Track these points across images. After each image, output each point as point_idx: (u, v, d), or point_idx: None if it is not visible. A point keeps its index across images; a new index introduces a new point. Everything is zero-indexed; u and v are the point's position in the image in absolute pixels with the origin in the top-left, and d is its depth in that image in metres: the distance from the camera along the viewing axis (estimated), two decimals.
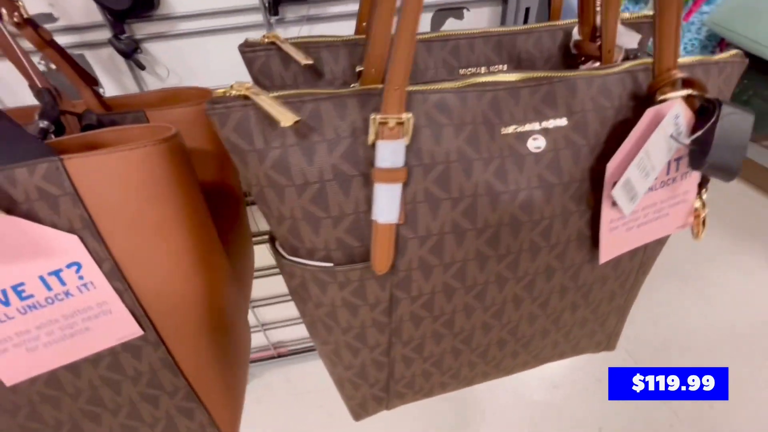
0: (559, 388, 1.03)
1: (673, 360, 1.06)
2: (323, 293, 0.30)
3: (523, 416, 0.99)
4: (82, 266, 0.29)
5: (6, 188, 0.26)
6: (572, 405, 1.00)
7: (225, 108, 0.24)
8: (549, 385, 1.03)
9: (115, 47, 0.45)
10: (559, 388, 1.03)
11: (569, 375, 1.04)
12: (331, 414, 0.99)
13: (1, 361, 0.29)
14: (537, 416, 0.98)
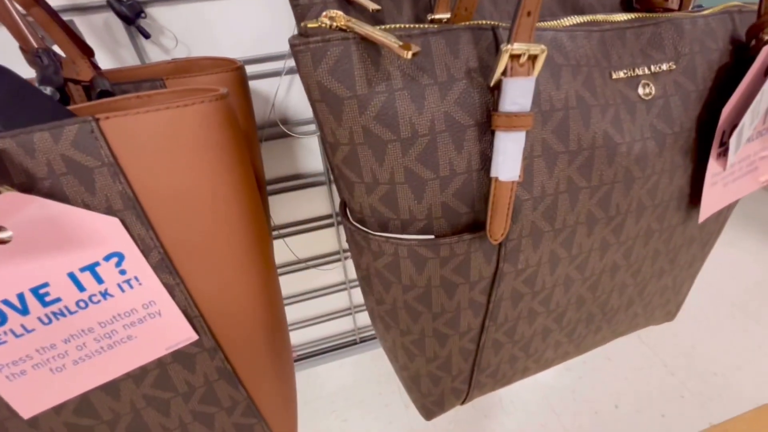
0: (571, 371, 1.03)
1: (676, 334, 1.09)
2: (419, 272, 0.26)
3: (540, 401, 0.98)
4: (125, 257, 0.22)
5: (21, 160, 0.20)
6: (586, 385, 1.00)
7: (322, 42, 0.20)
8: (561, 368, 1.03)
9: (116, 10, 0.38)
10: (571, 370, 1.03)
11: (581, 356, 1.04)
12: (346, 420, 0.93)
13: (16, 387, 0.23)
14: (554, 400, 0.97)
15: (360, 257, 0.28)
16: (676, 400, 0.95)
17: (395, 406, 1.00)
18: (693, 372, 1.00)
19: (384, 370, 1.03)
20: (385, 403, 1.00)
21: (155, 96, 0.28)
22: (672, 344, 1.07)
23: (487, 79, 0.22)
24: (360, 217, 0.26)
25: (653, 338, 1.08)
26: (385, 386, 1.01)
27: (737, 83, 0.26)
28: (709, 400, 0.95)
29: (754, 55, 0.26)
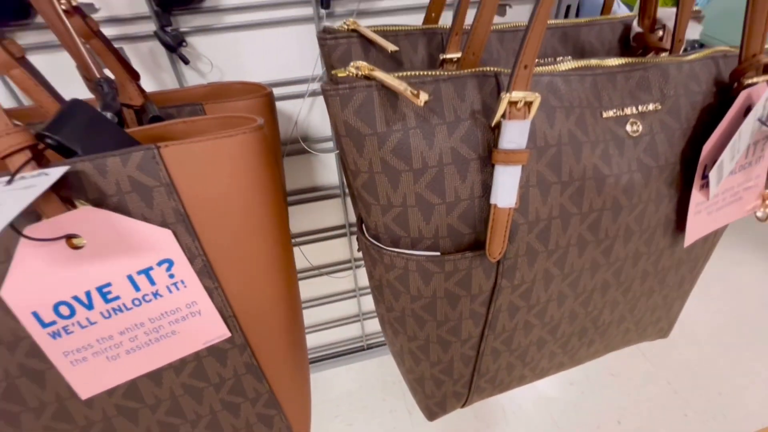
0: (575, 385, 1.04)
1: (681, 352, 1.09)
2: (426, 284, 0.29)
3: (543, 414, 0.99)
4: (174, 263, 0.26)
5: (95, 179, 0.24)
6: (590, 400, 1.01)
7: (349, 88, 0.23)
8: (565, 382, 1.04)
9: (161, 40, 0.43)
10: (575, 384, 1.04)
11: (584, 371, 1.06)
12: (351, 424, 0.96)
13: (78, 371, 0.27)
14: (556, 413, 0.98)
15: (373, 268, 0.31)
16: (679, 418, 0.96)
17: (399, 412, 1.02)
18: (697, 390, 1.00)
19: (389, 376, 1.05)
20: (390, 409, 1.03)
21: (199, 122, 0.32)
22: (677, 362, 1.07)
23: (489, 120, 0.26)
24: (375, 233, 0.29)
25: (658, 356, 1.09)
26: (389, 392, 1.04)
27: (719, 122, 0.29)
28: (712, 419, 0.95)
29: (735, 96, 0.29)
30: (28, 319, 0.25)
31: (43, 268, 0.24)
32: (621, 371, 1.06)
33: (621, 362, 1.07)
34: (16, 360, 0.26)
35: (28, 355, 0.26)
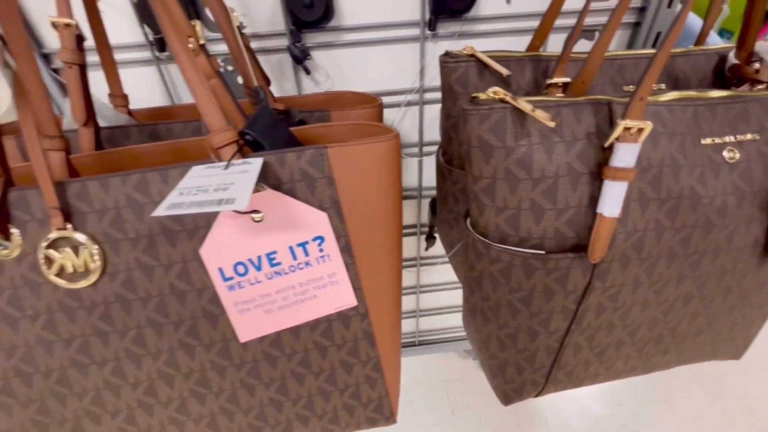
0: (624, 406, 1.03)
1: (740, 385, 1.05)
2: (527, 278, 0.33)
3: (585, 429, 0.99)
4: (325, 240, 0.33)
5: (276, 168, 0.31)
6: (637, 423, 0.99)
7: (488, 109, 0.29)
8: (614, 402, 1.03)
9: (291, 53, 0.50)
10: (624, 406, 1.03)
11: (636, 393, 1.04)
12: None
13: (242, 319, 0.34)
14: (599, 431, 0.98)
15: (477, 261, 0.36)
16: None
17: (442, 410, 1.06)
18: (757, 427, 0.96)
19: (434, 375, 1.09)
20: (433, 407, 1.06)
21: (335, 127, 0.38)
22: (735, 396, 1.03)
23: (601, 141, 0.30)
24: (483, 231, 0.34)
25: (716, 387, 1.05)
26: (434, 390, 1.08)
27: None
28: None
29: None
30: (215, 273, 0.32)
31: (231, 234, 0.31)
32: (674, 398, 1.03)
33: (675, 389, 1.05)
34: (201, 304, 0.33)
35: (209, 302, 0.33)
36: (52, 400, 0.34)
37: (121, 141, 0.43)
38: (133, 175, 0.30)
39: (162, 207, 0.25)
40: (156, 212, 0.25)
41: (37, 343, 0.33)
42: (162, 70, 0.52)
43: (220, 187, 0.26)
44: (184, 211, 0.25)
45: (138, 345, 0.34)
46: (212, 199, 0.25)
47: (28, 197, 0.30)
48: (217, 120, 0.30)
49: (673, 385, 1.05)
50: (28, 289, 0.31)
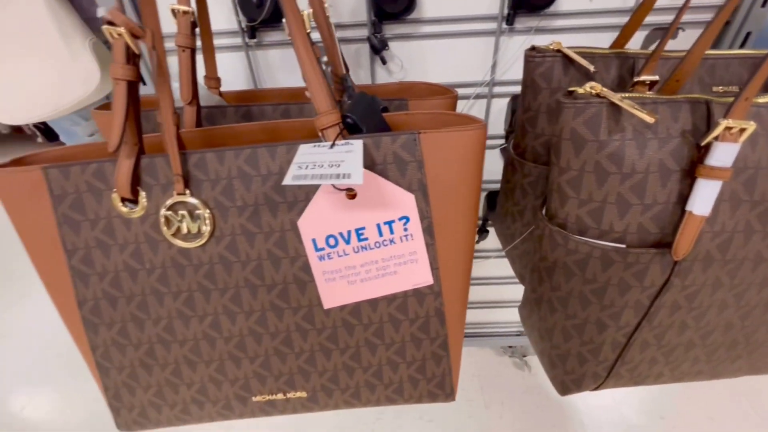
0: (666, 420, 1.00)
1: None
2: (603, 271, 0.34)
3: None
4: (410, 220, 0.35)
5: (371, 150, 0.33)
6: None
7: (585, 103, 0.30)
8: (655, 415, 1.01)
9: (371, 44, 0.52)
10: (666, 419, 1.00)
11: (679, 408, 1.01)
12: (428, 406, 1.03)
13: (328, 287, 0.37)
14: None
15: (551, 252, 0.37)
16: None
17: (476, 404, 1.07)
18: None
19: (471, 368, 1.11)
20: (467, 399, 1.08)
21: (417, 115, 0.40)
22: None
23: (696, 139, 0.30)
24: (562, 222, 0.35)
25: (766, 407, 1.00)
26: (469, 383, 1.09)
27: None
28: None
29: None
30: (308, 244, 0.35)
31: (327, 209, 0.34)
32: (721, 416, 0.99)
33: (723, 407, 1.00)
34: (293, 271, 0.36)
35: (301, 269, 0.36)
36: (158, 345, 0.39)
37: (218, 119, 0.47)
38: (246, 149, 0.34)
39: (288, 177, 0.28)
40: (285, 181, 0.28)
41: (151, 293, 0.37)
42: (249, 56, 0.56)
43: (333, 164, 0.29)
44: (308, 182, 0.28)
45: (234, 303, 0.37)
46: (331, 174, 0.28)
47: (156, 164, 0.34)
48: (325, 103, 0.32)
49: (723, 404, 1.01)
50: (148, 245, 0.36)
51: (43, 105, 0.64)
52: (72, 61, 0.61)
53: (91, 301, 0.37)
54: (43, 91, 0.63)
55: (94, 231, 0.35)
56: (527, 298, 0.45)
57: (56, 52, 0.61)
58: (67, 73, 0.62)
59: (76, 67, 0.62)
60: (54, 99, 0.64)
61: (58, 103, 0.64)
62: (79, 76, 0.62)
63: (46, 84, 0.63)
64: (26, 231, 0.36)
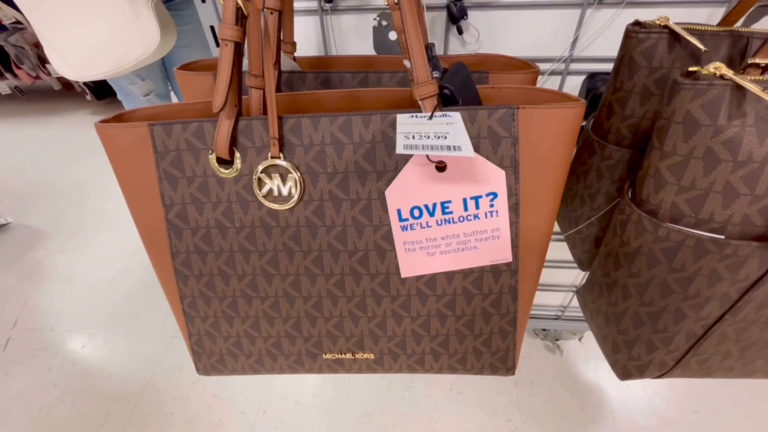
0: (699, 414, 0.99)
1: None
2: (695, 261, 0.34)
3: (650, 428, 0.97)
4: (498, 197, 0.35)
5: (465, 124, 0.33)
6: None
7: (707, 84, 0.28)
8: (688, 408, 1.00)
9: (450, 12, 0.51)
10: (699, 414, 0.99)
11: (717, 405, 1.00)
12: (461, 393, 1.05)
13: (407, 257, 0.38)
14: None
15: (635, 238, 0.36)
16: None
17: (506, 380, 1.09)
18: None
19: None
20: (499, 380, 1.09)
21: (505, 89, 0.39)
22: None
23: None
24: (652, 208, 0.35)
25: None
26: None
27: None
28: None
29: None
30: (393, 213, 0.36)
31: (415, 180, 0.35)
32: (760, 416, 0.97)
33: (763, 408, 0.98)
34: (374, 239, 0.37)
35: (382, 238, 0.37)
36: (241, 299, 0.41)
37: (297, 85, 0.47)
38: (340, 116, 0.34)
39: (399, 146, 0.28)
40: (397, 150, 0.28)
41: (238, 251, 0.39)
42: (323, 21, 0.55)
43: (439, 135, 0.29)
44: (420, 152, 0.28)
45: (316, 266, 0.39)
46: (441, 145, 0.28)
47: (252, 126, 0.35)
48: (424, 73, 0.32)
49: (763, 403, 0.99)
50: (240, 204, 0.37)
51: (105, 62, 0.66)
52: (135, 20, 0.62)
53: (183, 254, 0.40)
54: (106, 49, 0.64)
55: (190, 188, 0.37)
56: (595, 282, 0.45)
57: (120, 9, 0.62)
58: (129, 31, 0.63)
59: (138, 26, 0.62)
60: (115, 57, 0.65)
61: (120, 62, 0.65)
62: (140, 36, 0.63)
63: (108, 42, 0.64)
64: (128, 183, 0.38)
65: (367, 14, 0.54)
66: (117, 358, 1.15)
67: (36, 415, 1.02)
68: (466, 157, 0.34)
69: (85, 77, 0.71)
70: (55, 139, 2.42)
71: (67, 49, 0.67)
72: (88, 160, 2.14)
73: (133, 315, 1.27)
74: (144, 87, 1.17)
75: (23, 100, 2.88)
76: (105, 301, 1.32)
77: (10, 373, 1.13)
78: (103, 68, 0.69)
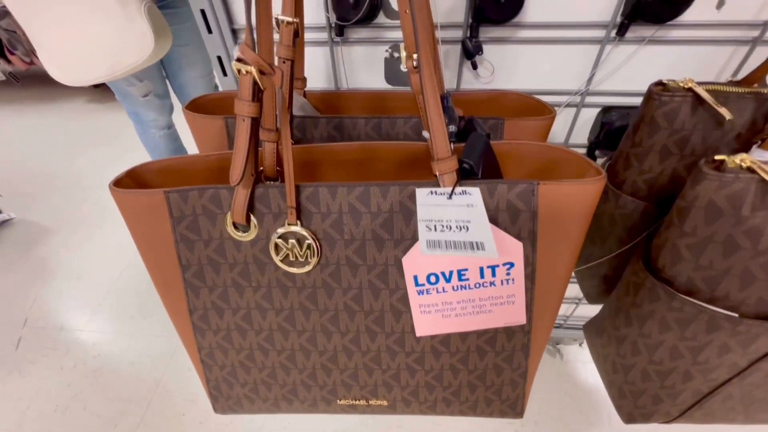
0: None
1: None
2: (707, 334, 0.34)
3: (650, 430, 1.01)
4: (514, 266, 0.35)
5: (484, 196, 0.33)
6: None
7: (733, 177, 0.28)
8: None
9: (465, 48, 0.49)
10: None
11: None
12: None
13: (422, 318, 0.38)
14: None
15: (649, 302, 0.37)
16: None
17: None
18: None
19: None
20: None
21: (522, 146, 0.39)
22: None
23: None
24: (668, 278, 0.35)
25: None
26: None
27: None
28: None
29: None
30: (409, 279, 0.36)
31: None
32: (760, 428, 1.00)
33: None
34: (390, 301, 0.38)
35: (398, 300, 0.37)
36: (258, 351, 0.42)
37: (310, 129, 0.46)
38: (358, 186, 0.34)
39: (423, 245, 0.28)
40: (421, 250, 0.28)
41: (255, 308, 0.40)
42: (333, 53, 0.54)
43: (461, 225, 0.29)
44: (442, 252, 0.28)
45: (331, 323, 0.39)
46: (465, 241, 0.28)
47: (269, 194, 0.35)
48: (445, 148, 0.32)
49: None
50: (256, 266, 0.38)
51: (97, 68, 0.64)
52: (128, 26, 0.60)
53: (201, 310, 0.40)
54: (98, 55, 0.63)
55: (207, 250, 0.37)
56: (604, 329, 0.46)
57: (112, 14, 0.60)
58: (122, 38, 0.61)
59: (132, 31, 0.60)
60: (108, 63, 0.63)
61: (113, 67, 0.63)
62: (134, 42, 0.61)
63: (100, 48, 0.62)
64: (145, 244, 0.38)
65: (378, 45, 0.53)
66: (127, 357, 1.17)
67: (51, 415, 1.05)
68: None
69: (78, 82, 0.70)
70: (54, 128, 2.39)
71: (58, 54, 0.65)
72: (87, 151, 2.12)
73: (141, 314, 1.29)
74: (142, 88, 1.15)
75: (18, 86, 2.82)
76: (112, 299, 1.34)
77: (24, 372, 1.16)
78: (96, 74, 0.67)
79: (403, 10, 0.33)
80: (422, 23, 0.31)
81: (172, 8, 0.99)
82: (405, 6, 0.33)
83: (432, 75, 0.31)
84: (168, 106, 1.26)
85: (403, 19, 0.34)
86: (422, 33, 0.31)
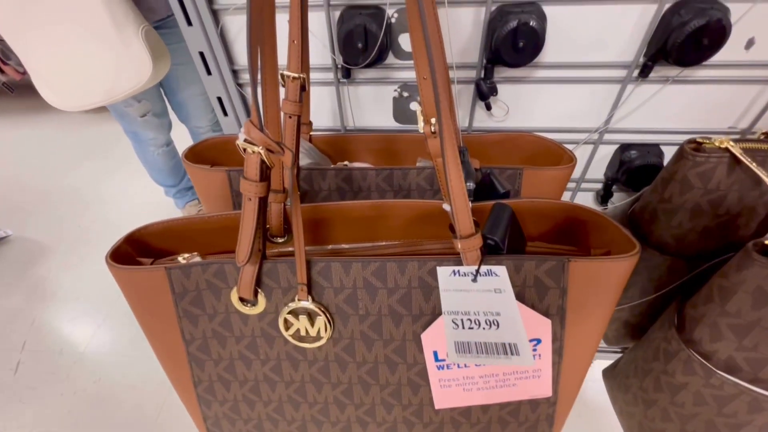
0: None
1: None
2: (748, 413, 0.32)
3: None
4: (542, 342, 0.33)
5: (510, 272, 0.31)
6: None
7: None
8: None
9: (479, 90, 0.47)
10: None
11: None
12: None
13: (442, 392, 0.36)
14: None
15: (684, 374, 0.35)
16: None
17: None
18: None
19: None
20: None
21: (542, 204, 0.36)
22: None
23: None
24: (706, 353, 0.33)
25: None
26: None
27: None
28: None
29: None
30: (429, 354, 0.34)
31: None
32: None
33: None
34: (408, 375, 0.35)
35: (416, 374, 0.35)
36: (268, 422, 0.40)
37: (317, 181, 0.44)
38: (374, 262, 0.31)
39: (452, 352, 0.26)
40: (449, 358, 0.26)
41: (263, 380, 0.37)
42: (339, 93, 0.51)
43: (490, 320, 0.27)
44: (473, 360, 0.26)
45: (345, 396, 0.37)
46: (497, 343, 0.26)
47: (278, 269, 0.32)
48: (468, 225, 0.29)
49: None
50: (264, 339, 0.35)
51: (94, 94, 0.62)
52: (124, 51, 0.57)
53: (206, 382, 0.38)
54: (94, 81, 0.60)
55: (211, 323, 0.35)
56: (629, 387, 0.44)
57: (108, 37, 0.58)
58: (119, 62, 0.58)
59: (129, 57, 0.58)
60: (105, 88, 0.61)
61: (110, 92, 0.61)
62: (131, 66, 0.59)
63: (96, 73, 0.59)
64: (146, 320, 0.35)
65: (384, 85, 0.50)
66: (128, 382, 1.15)
67: None
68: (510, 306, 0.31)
69: (74, 108, 0.67)
70: (49, 139, 2.36)
71: (54, 80, 0.63)
72: (83, 163, 2.09)
73: (141, 336, 1.26)
74: (140, 108, 1.12)
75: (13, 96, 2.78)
76: (112, 322, 1.32)
77: (24, 399, 1.14)
78: (93, 99, 0.65)
79: (422, 77, 0.31)
80: (443, 86, 0.29)
81: (168, 28, 0.96)
82: (424, 72, 0.31)
83: (455, 148, 0.28)
84: (166, 124, 1.23)
85: (423, 85, 0.31)
86: (443, 96, 0.28)
